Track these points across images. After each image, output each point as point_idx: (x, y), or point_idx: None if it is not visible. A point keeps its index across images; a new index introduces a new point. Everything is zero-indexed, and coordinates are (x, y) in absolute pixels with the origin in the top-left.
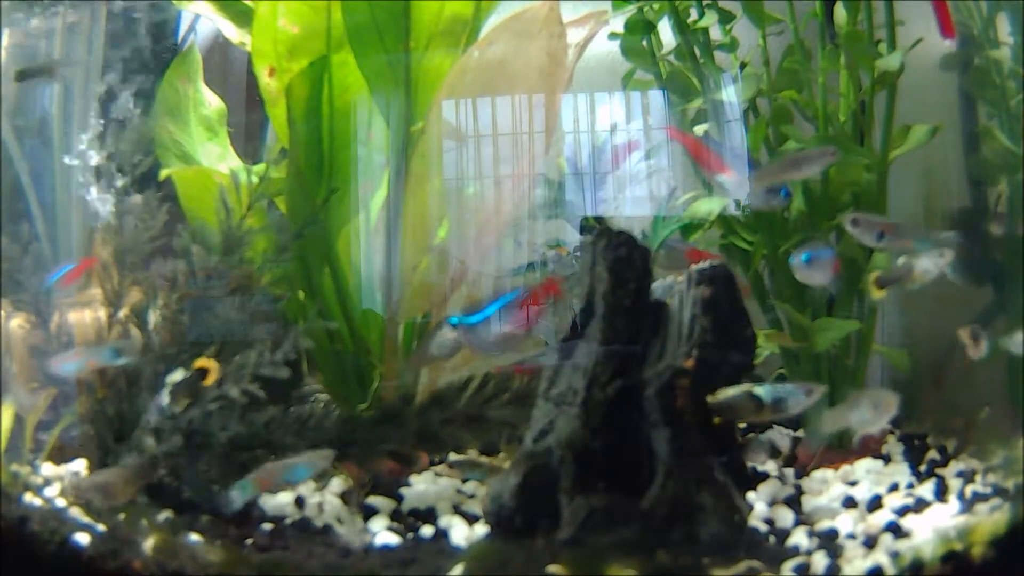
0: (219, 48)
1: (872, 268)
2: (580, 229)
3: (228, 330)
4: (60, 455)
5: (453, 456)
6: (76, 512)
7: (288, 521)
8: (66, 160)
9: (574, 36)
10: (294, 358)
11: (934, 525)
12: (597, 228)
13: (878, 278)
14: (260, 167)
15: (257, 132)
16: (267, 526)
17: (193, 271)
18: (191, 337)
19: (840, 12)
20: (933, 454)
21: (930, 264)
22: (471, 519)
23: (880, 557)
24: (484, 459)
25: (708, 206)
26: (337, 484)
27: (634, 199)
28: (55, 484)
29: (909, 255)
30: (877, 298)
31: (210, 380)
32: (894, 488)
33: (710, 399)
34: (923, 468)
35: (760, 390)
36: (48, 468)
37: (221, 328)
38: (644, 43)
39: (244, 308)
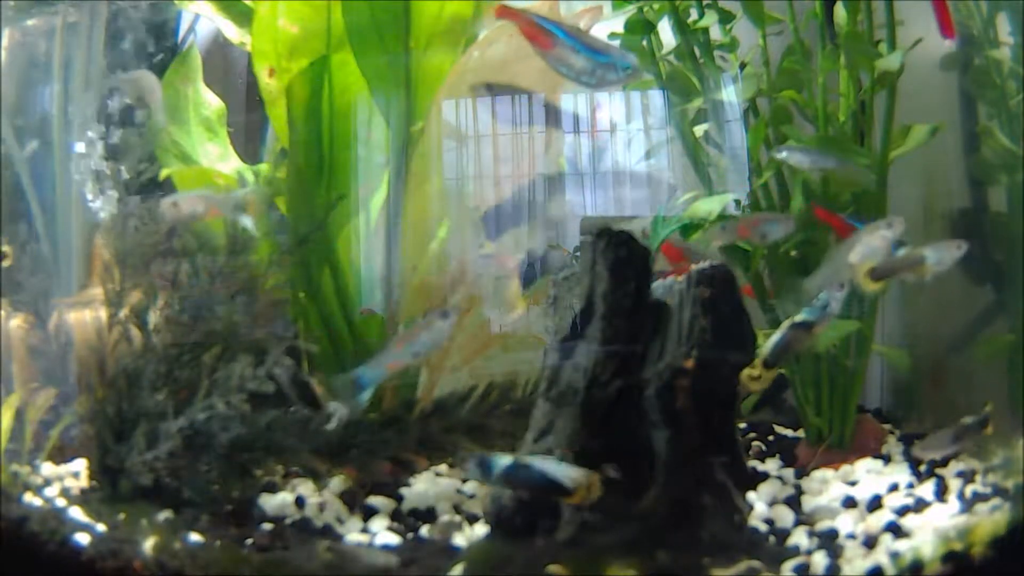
0: (219, 48)
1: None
2: (580, 229)
3: (230, 332)
4: (60, 455)
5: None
6: (76, 512)
7: (288, 521)
8: (69, 159)
9: None
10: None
11: (934, 525)
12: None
13: (872, 270)
14: (263, 167)
15: (257, 132)
16: (267, 526)
17: (196, 272)
18: (192, 338)
19: (840, 12)
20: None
21: (944, 256)
22: (471, 519)
23: (880, 557)
24: None
25: (708, 206)
26: (337, 484)
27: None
28: (55, 484)
29: (913, 248)
30: (871, 291)
31: None
32: (894, 488)
33: (761, 357)
34: (923, 468)
35: (800, 316)
36: (48, 468)
37: (223, 329)
38: (644, 43)
39: (248, 310)
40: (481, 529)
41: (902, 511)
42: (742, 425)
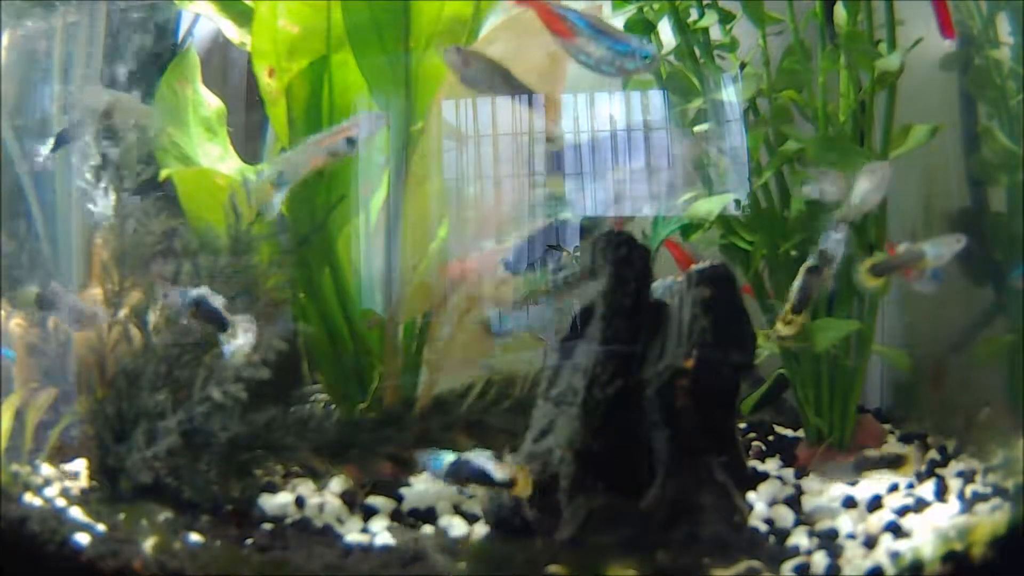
0: (219, 48)
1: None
2: (580, 229)
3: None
4: (60, 455)
5: None
6: (76, 512)
7: (288, 521)
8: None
9: None
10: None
11: (934, 525)
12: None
13: (874, 265)
14: (264, 167)
15: (257, 132)
16: (267, 526)
17: (197, 272)
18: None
19: (840, 12)
20: (933, 454)
21: (943, 250)
22: (471, 519)
23: (880, 557)
24: None
25: (708, 206)
26: (337, 484)
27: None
28: (55, 484)
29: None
30: (872, 287)
31: None
32: (894, 488)
33: (789, 304)
34: (923, 468)
35: (809, 261)
36: (48, 468)
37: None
38: None
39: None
40: (481, 529)
41: (902, 511)
42: (742, 425)
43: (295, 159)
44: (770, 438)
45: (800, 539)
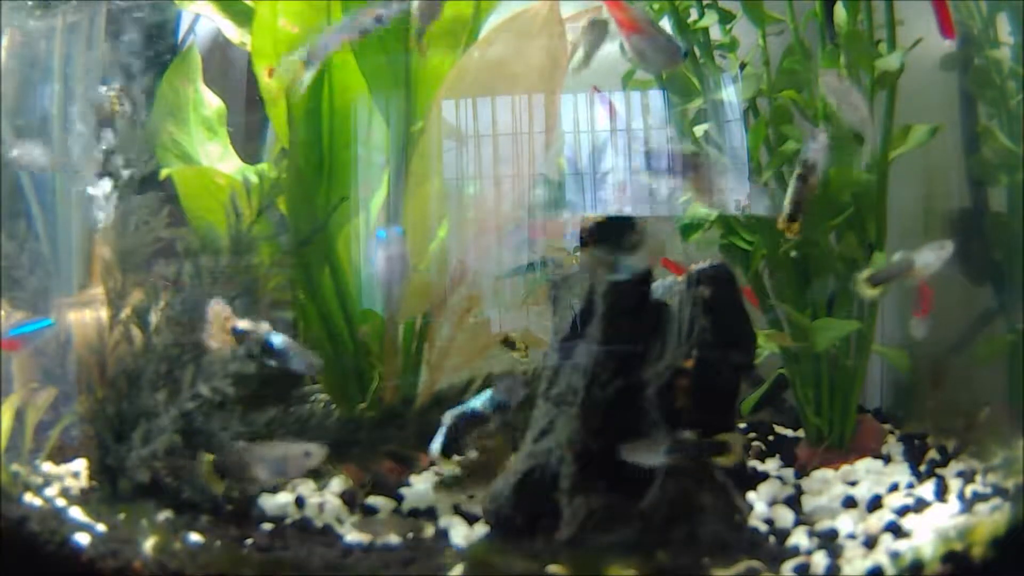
0: (219, 48)
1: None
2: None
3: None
4: (60, 455)
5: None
6: (76, 512)
7: (288, 521)
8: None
9: (570, 32)
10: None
11: (934, 525)
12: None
13: (871, 275)
14: (265, 167)
15: (257, 132)
16: (267, 526)
17: (198, 271)
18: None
19: (840, 12)
20: (933, 454)
21: (931, 258)
22: (471, 519)
23: (880, 557)
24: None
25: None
26: (337, 484)
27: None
28: (55, 484)
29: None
30: (871, 296)
31: None
32: (894, 488)
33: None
34: (923, 468)
35: (797, 170)
36: (48, 468)
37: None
38: None
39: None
40: (481, 529)
41: (902, 511)
42: (742, 425)
43: (326, 37)
44: (770, 438)
45: (800, 539)
